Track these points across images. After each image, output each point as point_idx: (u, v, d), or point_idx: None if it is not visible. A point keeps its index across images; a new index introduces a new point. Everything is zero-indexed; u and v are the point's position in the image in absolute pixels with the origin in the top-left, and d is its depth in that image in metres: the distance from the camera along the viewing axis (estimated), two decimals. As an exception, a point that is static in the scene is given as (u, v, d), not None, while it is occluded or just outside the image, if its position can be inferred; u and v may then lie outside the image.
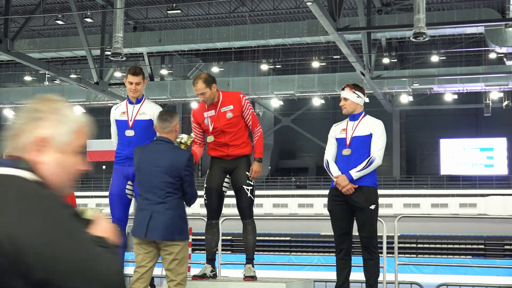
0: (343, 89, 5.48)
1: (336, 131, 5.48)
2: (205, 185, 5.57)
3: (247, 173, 5.47)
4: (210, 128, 5.44)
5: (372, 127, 5.34)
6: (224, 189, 5.55)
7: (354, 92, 5.41)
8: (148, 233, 4.44)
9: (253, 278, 5.37)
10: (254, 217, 5.59)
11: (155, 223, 4.43)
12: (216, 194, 5.50)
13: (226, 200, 5.67)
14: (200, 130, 5.57)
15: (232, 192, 5.55)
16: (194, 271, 5.70)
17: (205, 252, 5.61)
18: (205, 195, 5.54)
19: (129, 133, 5.54)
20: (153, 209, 4.45)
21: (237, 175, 5.48)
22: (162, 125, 4.61)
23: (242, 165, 5.49)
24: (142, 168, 4.58)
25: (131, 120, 5.56)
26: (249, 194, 5.46)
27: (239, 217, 5.58)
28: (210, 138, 5.47)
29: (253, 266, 5.50)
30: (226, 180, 5.54)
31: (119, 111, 5.68)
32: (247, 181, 5.47)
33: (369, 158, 5.25)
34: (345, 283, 5.37)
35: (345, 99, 5.42)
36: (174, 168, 4.48)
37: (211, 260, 5.54)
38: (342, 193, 5.27)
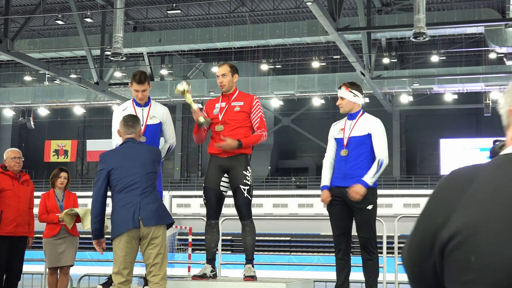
0: (339, 88, 5.44)
1: (335, 130, 5.44)
2: (203, 185, 5.56)
3: (244, 172, 5.41)
4: (220, 117, 5.47)
5: (370, 126, 5.29)
6: (223, 188, 5.50)
7: (351, 91, 5.36)
8: (143, 222, 4.49)
9: (253, 278, 5.34)
10: (254, 217, 5.56)
11: (146, 212, 4.52)
12: (214, 194, 5.46)
13: (226, 200, 5.63)
14: None
15: (232, 192, 5.54)
16: (194, 271, 5.69)
17: (205, 252, 5.61)
18: (203, 195, 5.52)
19: (142, 138, 5.48)
20: (140, 201, 4.55)
21: (234, 175, 5.43)
22: (135, 130, 4.87)
23: (240, 164, 5.43)
24: (124, 165, 4.68)
25: (142, 125, 5.44)
26: (245, 194, 5.39)
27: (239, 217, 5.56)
28: (219, 127, 5.48)
29: (253, 266, 5.46)
30: (224, 179, 5.49)
31: (128, 113, 5.60)
32: (244, 181, 5.40)
33: (377, 160, 5.20)
34: (345, 283, 5.35)
35: (342, 98, 5.37)
36: (154, 161, 4.78)
37: (211, 260, 5.52)
38: (340, 193, 5.26)
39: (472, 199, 1.33)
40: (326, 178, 5.37)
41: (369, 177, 5.16)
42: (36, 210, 6.89)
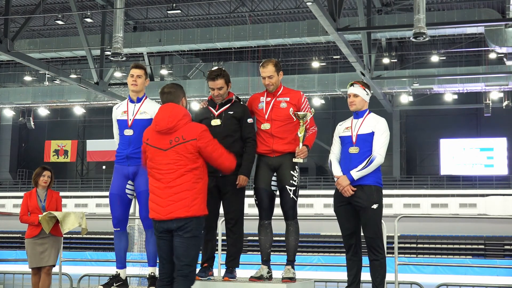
0: (351, 85, 5.39)
1: (340, 130, 5.41)
2: (254, 186, 5.46)
3: (291, 172, 5.33)
4: (265, 115, 5.38)
5: (374, 125, 5.26)
6: (274, 188, 5.43)
7: (364, 89, 5.36)
8: None
9: (291, 279, 5.24)
10: (253, 217, 5.51)
11: None
12: (266, 193, 5.38)
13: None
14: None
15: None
16: (248, 272, 5.58)
17: (259, 253, 5.50)
18: (255, 196, 5.43)
19: (128, 132, 5.43)
20: None
21: (281, 174, 5.36)
22: None
23: (287, 163, 5.34)
24: None
25: (130, 120, 5.45)
26: (291, 195, 5.33)
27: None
28: (265, 126, 5.40)
29: (293, 268, 5.38)
30: (274, 178, 5.42)
31: (120, 111, 5.57)
32: (291, 181, 5.33)
33: (369, 157, 5.16)
34: (354, 283, 5.28)
35: (356, 95, 5.34)
36: None
37: (266, 261, 5.41)
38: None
39: None
40: (338, 169, 5.30)
41: (355, 171, 5.13)
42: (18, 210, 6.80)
